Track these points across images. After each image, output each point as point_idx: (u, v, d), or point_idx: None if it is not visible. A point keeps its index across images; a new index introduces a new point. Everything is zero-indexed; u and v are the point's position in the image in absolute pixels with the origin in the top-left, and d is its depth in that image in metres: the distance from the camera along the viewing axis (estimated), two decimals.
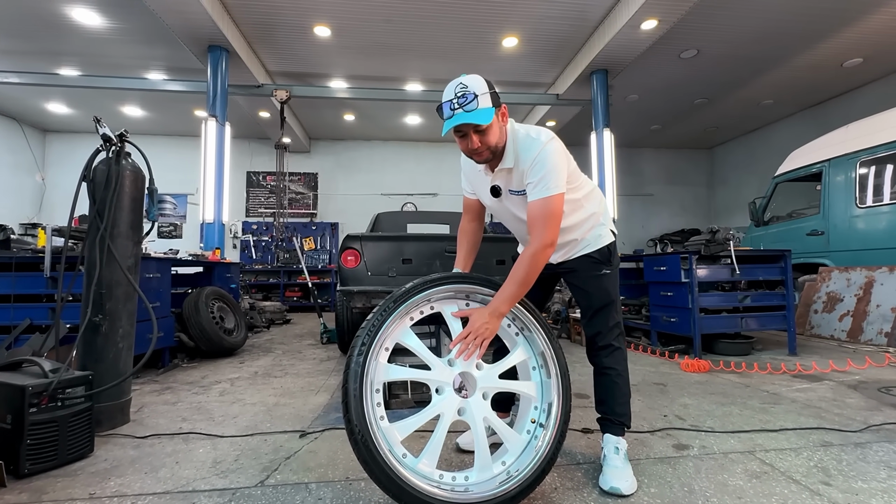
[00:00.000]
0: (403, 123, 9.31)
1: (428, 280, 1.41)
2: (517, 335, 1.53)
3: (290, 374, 3.29)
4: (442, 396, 1.35)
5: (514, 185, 1.54)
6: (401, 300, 1.35)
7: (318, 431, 2.03)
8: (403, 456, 1.25)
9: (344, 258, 3.24)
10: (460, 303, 1.49)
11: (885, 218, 4.48)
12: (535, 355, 1.53)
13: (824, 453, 1.73)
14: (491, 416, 1.39)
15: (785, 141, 8.53)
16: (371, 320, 1.30)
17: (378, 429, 1.22)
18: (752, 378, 2.93)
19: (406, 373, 1.36)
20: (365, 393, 1.22)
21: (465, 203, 1.78)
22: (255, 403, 2.52)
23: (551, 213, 1.42)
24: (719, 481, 1.52)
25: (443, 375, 1.36)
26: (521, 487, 1.30)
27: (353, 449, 1.20)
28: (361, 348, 1.25)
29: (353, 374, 1.23)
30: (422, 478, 1.24)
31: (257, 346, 4.61)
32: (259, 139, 9.72)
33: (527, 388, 1.49)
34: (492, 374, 1.43)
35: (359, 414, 1.19)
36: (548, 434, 1.42)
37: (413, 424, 1.30)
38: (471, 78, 1.42)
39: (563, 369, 1.50)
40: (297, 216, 9.92)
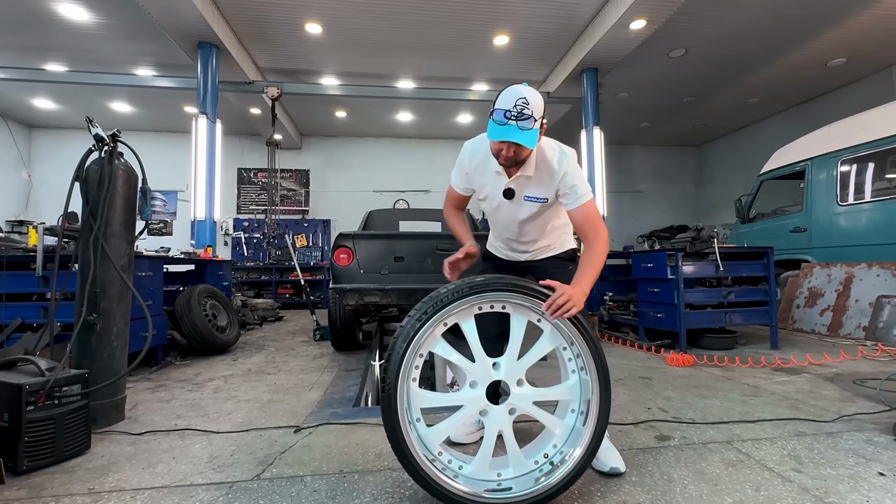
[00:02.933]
0: (395, 120, 9.32)
1: (511, 284, 1.38)
2: (573, 372, 1.46)
3: (283, 370, 3.33)
4: (473, 391, 1.35)
5: (531, 192, 1.62)
6: (478, 290, 1.34)
7: (312, 427, 2.07)
8: (417, 420, 1.32)
9: (336, 256, 3.28)
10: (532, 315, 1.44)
11: (864, 215, 4.62)
12: (580, 401, 1.46)
13: (798, 442, 1.82)
14: (507, 434, 1.38)
15: (771, 139, 8.67)
16: (444, 294, 1.32)
17: (406, 388, 1.29)
18: (735, 371, 3.03)
19: (451, 352, 1.36)
20: (409, 353, 1.28)
21: (452, 195, 1.87)
22: (250, 400, 2.55)
23: (594, 216, 1.58)
24: (697, 469, 1.59)
25: (483, 372, 1.36)
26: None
27: (379, 395, 1.29)
28: (422, 315, 1.30)
29: (405, 333, 1.30)
30: (422, 446, 1.31)
31: (250, 343, 4.63)
32: (250, 136, 9.66)
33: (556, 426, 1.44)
34: (527, 395, 1.39)
35: (395, 369, 1.27)
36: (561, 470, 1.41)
37: (437, 399, 1.40)
38: (534, 96, 1.43)
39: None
40: (289, 213, 9.89)
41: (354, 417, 2.19)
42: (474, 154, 1.71)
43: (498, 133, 1.45)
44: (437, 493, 1.28)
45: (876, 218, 4.46)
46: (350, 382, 2.95)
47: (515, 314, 1.41)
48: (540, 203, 1.63)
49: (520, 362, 1.39)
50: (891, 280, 4.08)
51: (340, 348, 4.06)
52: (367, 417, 2.19)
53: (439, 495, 1.28)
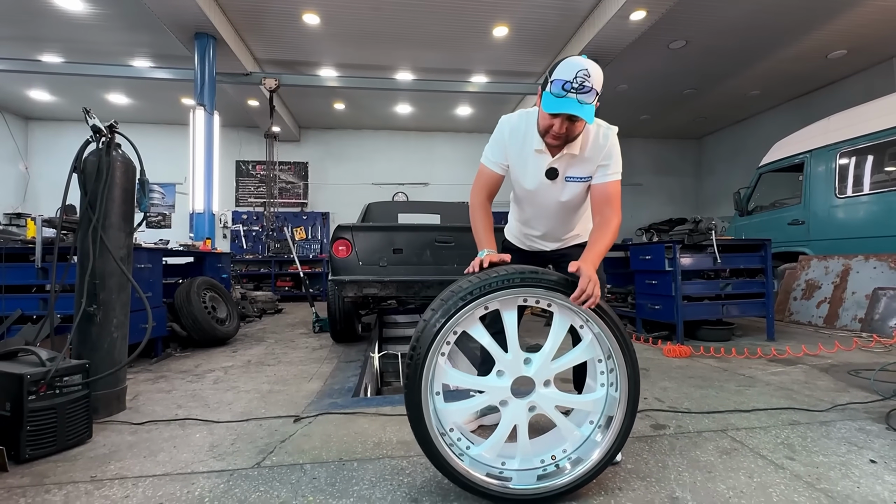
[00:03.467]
0: (394, 112, 9.27)
1: (564, 280, 1.35)
2: (602, 386, 1.45)
3: (283, 362, 3.35)
4: (498, 380, 1.35)
5: (574, 172, 1.56)
6: (530, 282, 1.31)
7: (311, 416, 2.09)
8: (437, 394, 1.33)
9: (335, 248, 3.28)
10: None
11: (862, 208, 4.63)
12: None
13: (791, 431, 1.84)
14: (522, 429, 1.36)
15: (771, 131, 8.65)
16: (494, 278, 1.30)
17: (434, 361, 1.29)
18: (731, 362, 3.05)
19: (486, 337, 1.35)
20: (445, 329, 1.27)
21: (488, 177, 1.65)
22: (249, 391, 2.57)
23: (617, 195, 1.55)
24: (691, 457, 1.62)
25: (515, 365, 1.35)
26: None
27: (406, 363, 1.30)
28: (467, 296, 1.28)
29: (445, 308, 1.28)
30: (436, 419, 1.32)
31: (250, 335, 4.65)
32: (248, 128, 9.61)
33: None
34: (552, 397, 1.38)
35: (426, 341, 1.27)
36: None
37: (461, 379, 1.39)
38: (596, 69, 1.37)
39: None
40: (288, 206, 9.88)
41: (353, 407, 2.21)
42: (515, 130, 1.59)
43: (555, 105, 1.36)
44: (441, 466, 1.30)
45: (874, 210, 4.47)
46: (349, 373, 2.97)
47: (559, 315, 1.39)
48: (583, 182, 1.57)
49: (553, 364, 1.37)
50: (887, 272, 4.10)
51: (340, 340, 4.08)
52: (366, 407, 2.21)
53: (442, 469, 1.30)
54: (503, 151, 1.63)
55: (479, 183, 1.68)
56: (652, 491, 1.39)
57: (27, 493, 1.42)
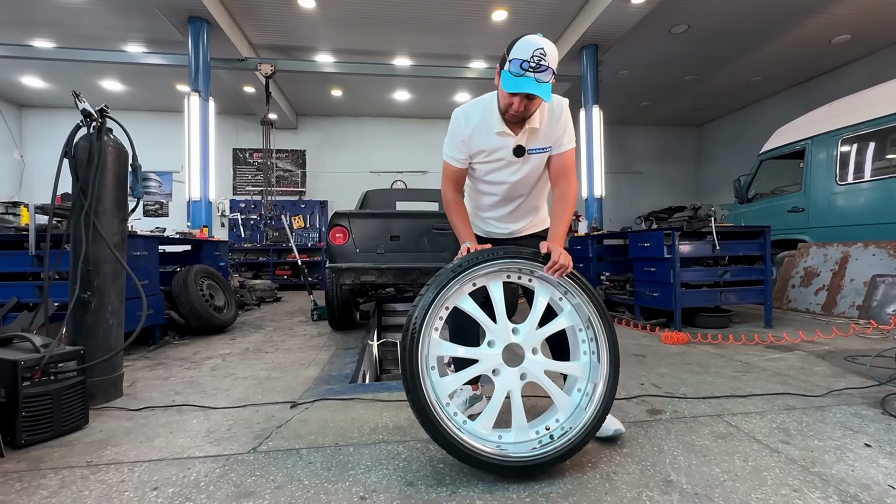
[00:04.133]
0: (392, 99, 9.17)
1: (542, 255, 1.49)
2: (584, 354, 1.56)
3: (281, 349, 3.35)
4: (490, 350, 1.43)
5: (536, 144, 1.62)
6: (512, 255, 1.46)
7: (308, 402, 2.09)
8: (432, 368, 1.38)
9: (332, 235, 3.26)
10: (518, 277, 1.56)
11: (863, 195, 4.60)
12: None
13: (787, 416, 1.85)
14: (516, 395, 1.42)
15: (772, 118, 8.57)
16: (478, 253, 1.45)
17: (427, 336, 1.37)
18: (728, 349, 3.06)
19: (476, 309, 1.45)
20: (436, 304, 1.37)
21: (453, 173, 1.71)
22: (247, 377, 2.57)
23: (573, 164, 1.68)
24: (687, 442, 1.62)
25: (504, 334, 1.44)
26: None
27: (402, 337, 1.37)
28: (457, 268, 1.41)
29: (436, 283, 1.39)
30: (433, 392, 1.36)
31: (248, 323, 4.65)
32: (244, 115, 9.51)
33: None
34: (540, 362, 1.47)
35: (420, 316, 1.35)
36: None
37: (454, 350, 1.48)
38: (552, 48, 1.42)
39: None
40: (286, 194, 9.83)
41: (350, 393, 2.21)
42: (469, 118, 1.62)
43: (514, 84, 1.41)
44: (440, 436, 1.31)
45: (875, 197, 4.45)
46: (347, 360, 2.97)
47: (540, 287, 1.52)
48: (543, 153, 1.64)
49: (538, 331, 1.47)
50: (886, 259, 4.10)
51: (338, 328, 4.08)
52: (363, 393, 2.21)
53: (441, 439, 1.31)
54: (462, 145, 1.66)
55: (446, 179, 1.73)
56: (647, 474, 1.39)
57: (23, 478, 1.42)
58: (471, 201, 1.89)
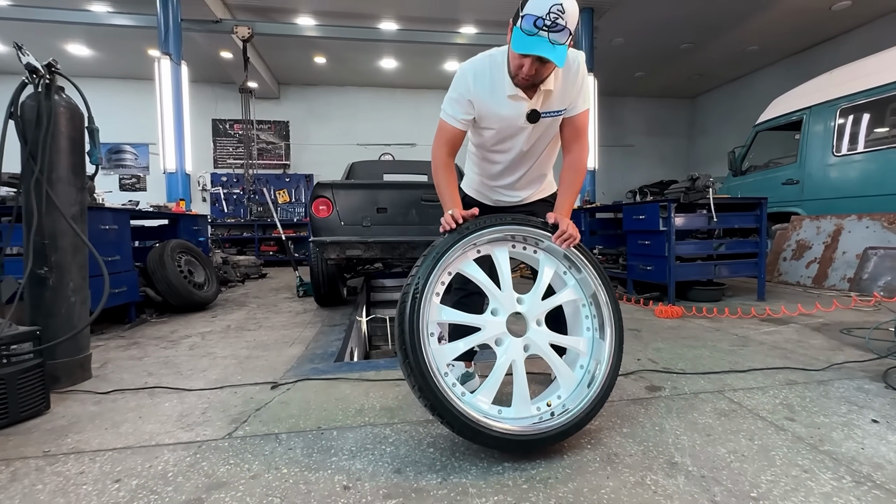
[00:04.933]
0: (378, 67, 8.79)
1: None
2: (587, 330, 1.52)
3: (264, 327, 3.22)
4: (494, 318, 1.36)
5: (551, 106, 1.47)
6: (520, 222, 1.41)
7: (290, 382, 1.98)
8: (431, 335, 1.29)
9: (315, 207, 3.09)
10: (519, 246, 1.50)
11: (860, 166, 4.52)
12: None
13: (789, 391, 1.78)
14: (519, 366, 1.35)
15: (767, 90, 8.43)
16: (485, 218, 1.37)
17: (428, 300, 1.27)
18: (723, 322, 3.01)
19: (480, 274, 1.37)
20: (439, 266, 1.29)
21: (450, 134, 1.50)
22: (226, 357, 2.44)
23: (587, 127, 1.54)
24: (689, 420, 1.54)
25: (509, 302, 1.37)
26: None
27: (402, 301, 1.27)
28: (464, 230, 1.33)
29: (441, 244, 1.32)
30: (433, 359, 1.26)
31: (231, 300, 4.50)
32: (223, 83, 9.05)
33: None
34: (545, 334, 1.41)
35: (424, 276, 1.27)
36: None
37: (456, 316, 1.36)
38: (571, 4, 1.23)
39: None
40: (269, 167, 9.49)
41: (335, 373, 2.10)
42: (478, 77, 1.43)
43: (525, 45, 1.25)
44: (442, 407, 1.21)
45: (871, 169, 4.38)
46: (333, 338, 2.85)
47: (546, 258, 1.46)
48: (558, 116, 1.50)
49: (543, 302, 1.41)
50: (880, 231, 4.06)
51: (324, 304, 3.95)
52: (349, 372, 2.10)
53: (440, 407, 1.21)
54: (470, 105, 1.46)
55: (441, 140, 1.52)
56: (650, 456, 1.31)
57: None
58: (476, 169, 1.74)
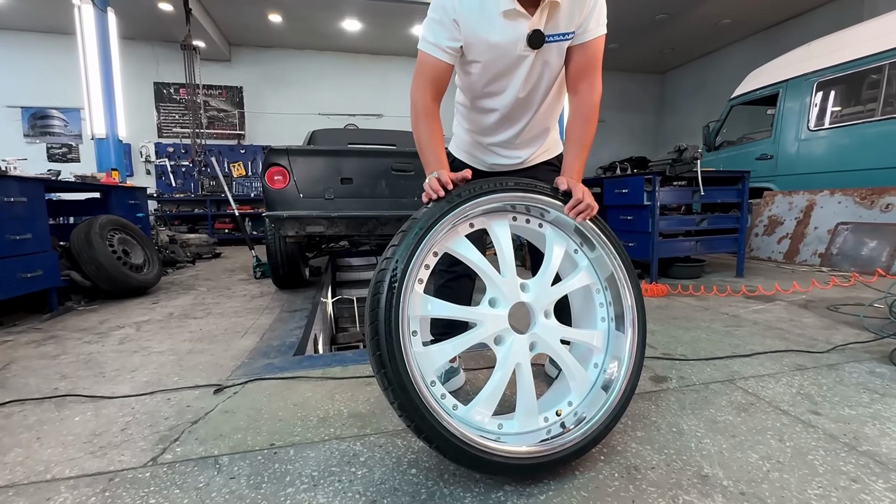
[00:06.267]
0: (341, 30, 8.12)
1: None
2: (602, 321, 1.26)
3: (213, 313, 2.83)
4: (493, 310, 1.08)
5: (558, 28, 1.15)
6: (524, 188, 1.13)
7: (238, 384, 1.65)
8: (414, 334, 1.02)
9: (269, 177, 2.69)
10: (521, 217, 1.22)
11: (834, 141, 4.51)
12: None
13: (802, 378, 1.63)
14: (525, 370, 1.10)
15: (735, 67, 8.44)
16: (481, 183, 1.09)
17: (409, 289, 0.99)
18: (710, 301, 2.89)
19: (476, 255, 1.09)
20: (423, 246, 1.00)
21: (434, 69, 1.17)
22: (164, 352, 2.07)
23: (600, 58, 1.23)
24: (707, 418, 1.35)
25: (511, 289, 1.10)
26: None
27: (372, 291, 0.98)
28: (455, 198, 1.05)
29: (426, 216, 1.02)
30: (416, 366, 0.99)
31: (178, 283, 4.03)
32: (165, 42, 8.12)
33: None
34: (555, 328, 1.16)
35: (403, 259, 0.98)
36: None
37: (447, 309, 1.09)
38: None
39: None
40: (222, 137, 8.73)
41: (294, 370, 1.79)
42: None
43: None
44: (431, 430, 0.94)
45: (845, 144, 4.37)
46: (292, 325, 2.52)
47: (554, 234, 1.20)
48: (566, 41, 1.18)
49: (553, 289, 1.15)
50: (852, 207, 4.07)
51: (283, 286, 3.58)
52: (311, 369, 1.80)
53: (429, 429, 0.94)
54: (453, 26, 1.14)
55: (420, 79, 1.19)
56: (674, 468, 1.10)
57: None
58: (465, 123, 1.43)
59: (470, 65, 1.23)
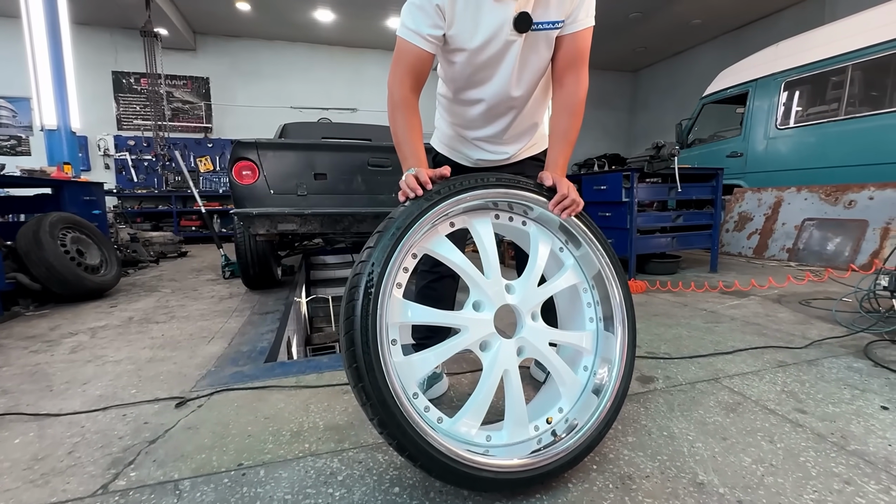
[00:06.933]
0: (313, 20, 7.87)
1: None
2: (591, 321, 1.22)
3: (177, 317, 2.66)
4: (478, 314, 1.01)
5: (548, 15, 1.10)
6: (507, 183, 1.06)
7: (204, 396, 1.53)
8: (392, 342, 0.93)
9: (237, 172, 2.54)
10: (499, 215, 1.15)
11: (801, 139, 4.64)
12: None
13: (784, 375, 1.64)
14: (514, 377, 1.03)
15: (704, 66, 8.66)
16: (461, 179, 1.02)
17: (387, 295, 0.90)
18: (687, 297, 2.91)
19: (457, 254, 1.02)
20: (401, 247, 0.92)
21: (414, 58, 1.10)
22: (121, 361, 1.92)
23: (587, 51, 1.19)
24: (697, 419, 1.32)
25: (496, 291, 1.03)
26: None
27: (347, 297, 0.89)
28: (434, 196, 0.97)
29: (404, 215, 0.94)
30: (397, 378, 0.91)
31: (139, 284, 3.80)
32: (125, 30, 7.66)
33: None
34: (543, 331, 1.10)
35: (379, 262, 0.89)
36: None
37: (427, 315, 1.00)
38: None
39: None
40: (187, 131, 8.33)
41: (265, 378, 1.68)
42: None
43: None
44: (415, 446, 0.86)
45: (811, 142, 4.51)
46: (264, 329, 2.39)
47: (539, 232, 1.14)
48: (554, 30, 1.13)
49: (540, 290, 1.09)
50: (818, 203, 4.21)
51: (254, 287, 3.42)
52: (283, 377, 1.68)
53: (418, 451, 0.86)
54: (436, 11, 1.07)
55: (399, 68, 1.11)
56: (669, 475, 1.06)
57: None
58: (449, 116, 1.36)
59: (454, 53, 1.15)
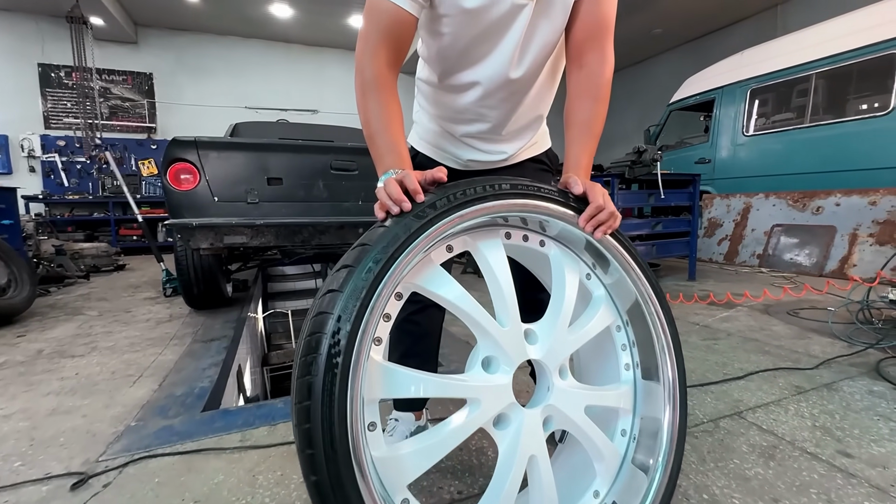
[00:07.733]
0: (269, 15, 7.40)
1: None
2: (626, 369, 0.94)
3: (100, 348, 2.23)
4: (491, 376, 0.71)
5: None
6: (523, 192, 0.77)
7: (113, 469, 1.16)
8: (371, 428, 0.64)
9: (172, 175, 2.14)
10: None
11: (767, 146, 4.70)
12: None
13: (808, 404, 1.46)
14: (543, 463, 0.74)
15: (665, 75, 8.87)
16: (463, 188, 0.72)
17: (361, 361, 0.59)
18: (676, 310, 2.76)
19: (456, 291, 0.71)
20: (382, 289, 0.62)
21: (392, 21, 0.80)
22: (11, 416, 1.50)
23: (612, 25, 0.92)
24: (736, 473, 1.11)
25: (515, 343, 0.73)
26: None
27: (297, 385, 0.57)
28: (428, 211, 0.67)
29: (389, 239, 0.64)
30: (378, 482, 0.59)
31: (60, 305, 3.27)
32: (53, 18, 6.90)
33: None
34: (578, 393, 0.81)
35: (349, 318, 0.58)
36: None
37: (413, 384, 0.67)
38: None
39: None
40: (128, 130, 7.62)
41: (201, 435, 1.32)
42: None
43: None
44: None
45: (777, 149, 4.57)
46: (206, 362, 2.01)
47: (564, 255, 0.86)
48: None
49: (570, 337, 0.80)
50: (785, 209, 4.24)
51: (199, 306, 3.00)
52: (225, 433, 1.34)
53: None
54: None
55: (372, 36, 0.81)
56: None
57: None
58: (433, 109, 1.06)
59: (442, 21, 0.86)
